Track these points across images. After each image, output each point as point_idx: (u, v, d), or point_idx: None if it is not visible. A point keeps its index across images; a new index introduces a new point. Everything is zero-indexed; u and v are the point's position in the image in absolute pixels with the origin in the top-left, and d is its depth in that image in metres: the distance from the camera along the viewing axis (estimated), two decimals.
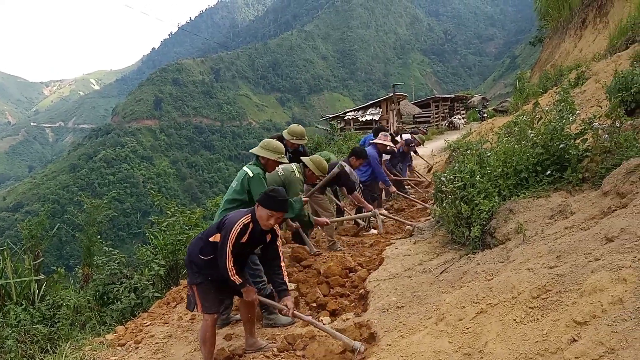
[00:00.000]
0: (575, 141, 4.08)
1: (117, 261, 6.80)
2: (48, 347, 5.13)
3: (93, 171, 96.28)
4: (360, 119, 26.81)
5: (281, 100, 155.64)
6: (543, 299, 2.57)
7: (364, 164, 7.33)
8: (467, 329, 2.80)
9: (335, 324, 4.04)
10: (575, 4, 13.12)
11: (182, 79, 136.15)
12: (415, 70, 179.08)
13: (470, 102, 38.39)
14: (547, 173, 4.13)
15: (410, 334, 3.20)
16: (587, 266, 2.58)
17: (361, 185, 7.73)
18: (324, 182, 5.86)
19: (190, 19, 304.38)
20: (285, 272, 3.73)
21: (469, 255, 4.08)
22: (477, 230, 4.10)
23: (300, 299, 4.76)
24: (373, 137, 8.69)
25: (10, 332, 5.26)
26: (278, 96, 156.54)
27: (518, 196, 4.16)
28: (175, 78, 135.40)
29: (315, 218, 5.47)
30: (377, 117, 26.11)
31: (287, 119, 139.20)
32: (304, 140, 6.36)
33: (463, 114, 35.66)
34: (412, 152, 11.17)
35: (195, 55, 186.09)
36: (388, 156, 9.29)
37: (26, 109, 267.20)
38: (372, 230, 7.48)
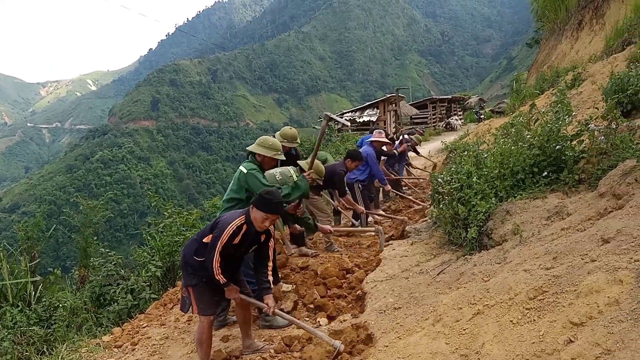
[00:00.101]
0: (572, 142, 4.09)
1: (113, 262, 6.79)
2: (44, 349, 5.13)
3: (90, 172, 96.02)
4: (358, 120, 26.77)
5: (278, 101, 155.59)
6: (539, 300, 2.58)
7: (362, 164, 7.34)
8: (464, 330, 2.80)
9: (333, 325, 4.04)
10: (572, 5, 13.15)
11: (180, 80, 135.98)
12: (412, 71, 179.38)
13: (467, 103, 38.43)
14: (544, 174, 4.13)
15: (408, 335, 3.20)
16: (583, 267, 2.59)
17: (360, 185, 7.74)
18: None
19: (187, 19, 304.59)
20: (270, 272, 3.73)
21: (466, 256, 4.09)
22: (474, 232, 4.11)
23: (298, 301, 4.76)
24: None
25: (7, 333, 5.25)
26: (275, 97, 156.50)
27: (515, 197, 4.17)
28: (172, 79, 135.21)
29: (321, 225, 5.45)
30: (374, 118, 26.07)
31: (284, 120, 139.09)
32: (296, 144, 6.35)
33: (460, 115, 35.68)
34: (410, 152, 11.20)
35: (192, 56, 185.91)
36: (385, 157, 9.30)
37: (23, 110, 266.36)
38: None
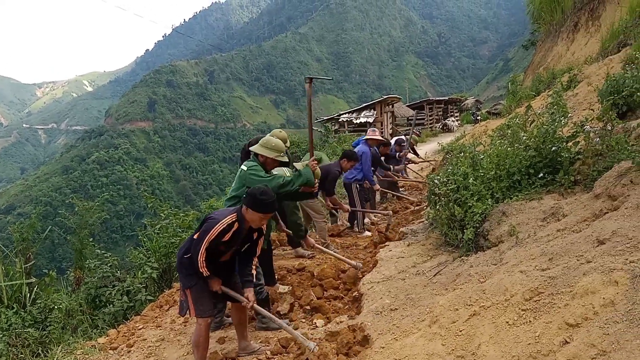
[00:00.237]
0: (568, 144, 4.10)
1: (109, 264, 6.76)
2: (39, 351, 5.09)
3: (86, 173, 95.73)
4: (355, 121, 26.83)
5: (275, 102, 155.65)
6: (535, 301, 2.58)
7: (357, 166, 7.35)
8: (460, 331, 2.80)
9: (329, 326, 4.04)
10: (568, 7, 13.20)
11: (176, 81, 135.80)
12: (409, 72, 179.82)
13: (463, 105, 38.53)
14: (540, 176, 4.14)
15: (404, 336, 3.19)
16: (579, 268, 2.59)
17: (357, 185, 7.75)
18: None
19: (184, 20, 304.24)
20: (254, 267, 3.76)
21: (462, 257, 4.09)
22: (470, 233, 4.11)
23: (295, 302, 4.75)
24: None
25: (1, 335, 5.21)
26: (272, 98, 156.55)
27: (511, 199, 4.18)
28: (169, 80, 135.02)
29: (308, 238, 5.59)
30: (371, 120, 26.10)
31: (281, 121, 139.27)
32: (286, 147, 6.34)
33: (457, 117, 35.77)
34: (409, 154, 11.21)
35: (189, 57, 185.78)
36: (382, 157, 9.31)
37: (18, 111, 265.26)
38: (366, 233, 7.49)
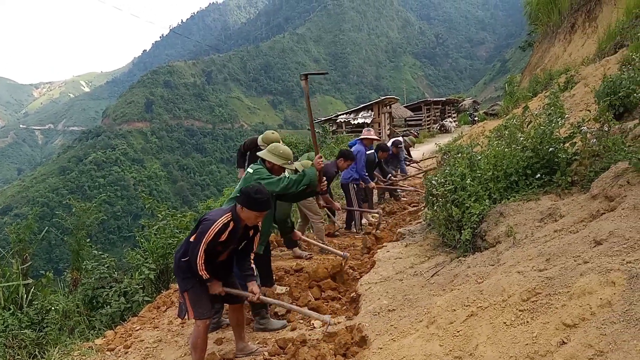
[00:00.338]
0: (565, 145, 4.11)
1: (106, 265, 6.74)
2: (36, 353, 5.07)
3: (83, 174, 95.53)
4: (352, 122, 26.81)
5: (273, 102, 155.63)
6: (533, 302, 2.59)
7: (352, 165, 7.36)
8: (458, 332, 2.81)
9: (327, 327, 4.03)
10: (565, 8, 13.24)
11: (174, 82, 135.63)
12: (407, 73, 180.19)
13: (461, 106, 38.64)
14: (537, 176, 4.15)
15: (402, 337, 3.20)
16: (576, 269, 2.60)
17: (355, 185, 7.75)
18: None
19: (181, 21, 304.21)
20: (252, 261, 3.80)
21: (460, 258, 4.09)
22: (468, 234, 4.12)
23: (292, 303, 4.75)
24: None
25: None
26: (270, 99, 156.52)
27: (508, 199, 4.19)
28: (166, 80, 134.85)
29: (295, 231, 5.66)
30: (369, 120, 26.07)
31: (279, 122, 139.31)
32: None
33: (454, 117, 35.85)
34: (405, 156, 11.21)
35: (186, 57, 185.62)
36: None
37: (15, 111, 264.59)
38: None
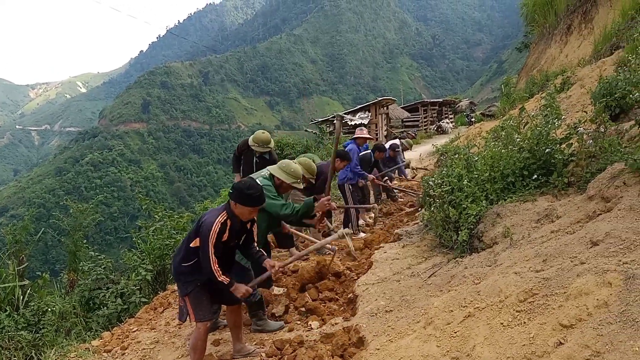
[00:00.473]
0: (561, 146, 4.13)
1: (103, 266, 6.73)
2: (33, 354, 5.06)
3: (80, 175, 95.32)
4: (349, 123, 26.82)
5: (270, 103, 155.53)
6: (530, 303, 2.59)
7: (348, 166, 7.37)
8: (455, 332, 2.81)
9: (324, 328, 4.03)
10: (561, 10, 13.29)
11: (171, 82, 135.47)
12: (403, 74, 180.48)
13: (458, 107, 38.67)
14: (534, 177, 4.17)
15: (399, 338, 3.20)
16: (572, 270, 2.60)
17: (351, 187, 7.75)
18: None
19: (178, 22, 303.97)
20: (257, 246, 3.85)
21: (457, 259, 4.10)
22: (465, 234, 4.12)
23: (290, 304, 4.75)
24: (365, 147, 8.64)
25: None
26: (267, 99, 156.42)
27: (505, 200, 4.20)
28: (163, 81, 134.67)
29: (283, 225, 5.53)
30: (366, 121, 26.08)
31: (276, 123, 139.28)
32: (268, 148, 6.33)
33: (451, 118, 35.90)
34: (402, 155, 11.21)
35: (183, 58, 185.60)
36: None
37: (12, 112, 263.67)
38: (361, 234, 7.49)
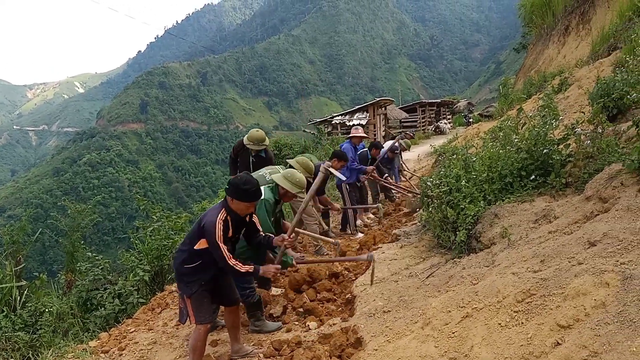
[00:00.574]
0: (559, 146, 4.13)
1: (100, 267, 6.71)
2: (30, 355, 5.04)
3: (77, 175, 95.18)
4: (348, 124, 26.82)
5: (268, 104, 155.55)
6: (527, 303, 2.59)
7: (345, 166, 7.37)
8: (453, 333, 2.81)
9: (322, 329, 4.03)
10: (559, 11, 13.31)
11: (169, 83, 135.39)
12: (402, 75, 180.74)
13: (456, 107, 38.69)
14: (532, 178, 4.17)
15: (397, 338, 3.20)
16: (570, 270, 2.61)
17: (348, 187, 7.75)
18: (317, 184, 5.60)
19: (176, 22, 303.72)
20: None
21: (455, 259, 4.10)
22: (463, 235, 4.12)
23: (288, 305, 4.74)
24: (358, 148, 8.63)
25: None
26: (265, 100, 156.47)
27: (503, 201, 4.20)
28: (161, 81, 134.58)
29: (284, 223, 5.12)
30: (364, 122, 26.10)
31: (274, 123, 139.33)
32: (263, 146, 6.34)
33: (449, 119, 35.91)
34: (400, 157, 11.20)
35: (181, 58, 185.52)
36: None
37: (9, 112, 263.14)
38: (359, 235, 7.49)
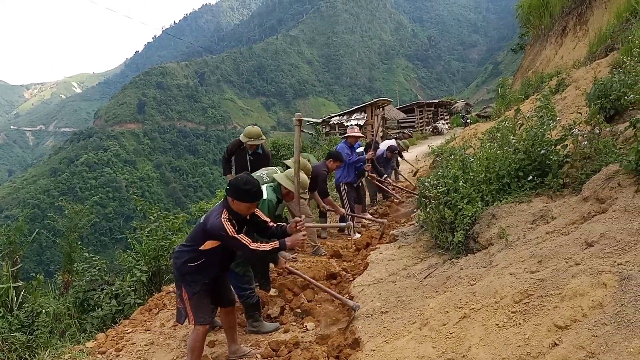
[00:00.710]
0: (556, 147, 4.13)
1: (98, 267, 6.69)
2: (27, 356, 5.03)
3: (74, 175, 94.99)
4: (346, 124, 26.83)
5: (266, 104, 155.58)
6: (525, 304, 2.59)
7: (341, 166, 7.39)
8: (451, 333, 2.81)
9: (320, 329, 4.03)
10: (556, 12, 13.34)
11: (166, 83, 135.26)
12: (399, 75, 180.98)
13: (453, 108, 38.72)
14: (529, 178, 4.17)
15: (395, 339, 3.20)
16: (567, 271, 2.61)
17: (346, 187, 7.76)
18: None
19: (174, 22, 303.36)
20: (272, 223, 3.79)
21: (453, 260, 4.10)
22: (461, 235, 4.13)
23: (285, 305, 4.74)
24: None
25: None
26: (263, 100, 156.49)
27: (500, 201, 4.20)
28: (159, 82, 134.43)
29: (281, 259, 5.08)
30: (362, 122, 26.12)
31: (272, 123, 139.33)
32: (261, 140, 6.37)
33: (447, 120, 35.96)
34: (397, 157, 11.22)
35: (179, 58, 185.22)
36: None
37: (6, 112, 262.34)
38: (357, 235, 7.49)
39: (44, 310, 5.96)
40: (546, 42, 13.85)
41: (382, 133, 26.86)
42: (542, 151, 4.06)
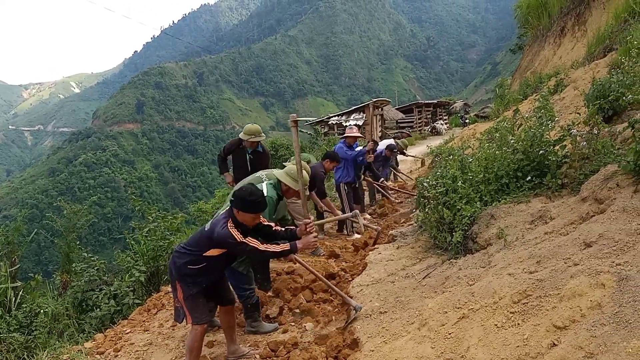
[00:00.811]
0: (555, 147, 4.14)
1: (96, 267, 6.68)
2: (25, 356, 5.02)
3: (73, 175, 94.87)
4: (344, 124, 26.83)
5: (265, 104, 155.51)
6: (524, 304, 2.60)
7: (338, 166, 7.39)
8: (449, 334, 2.81)
9: (319, 329, 4.03)
10: (555, 12, 13.36)
11: (165, 83, 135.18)
12: (398, 75, 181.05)
13: (452, 108, 38.75)
14: (528, 179, 4.17)
15: (393, 339, 3.20)
16: (566, 271, 2.61)
17: (346, 187, 7.76)
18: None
19: (173, 22, 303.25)
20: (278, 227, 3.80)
21: (451, 260, 4.10)
22: (459, 236, 4.13)
23: (284, 306, 4.74)
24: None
25: None
26: (262, 100, 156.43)
27: (499, 201, 4.20)
28: (157, 82, 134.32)
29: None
30: (360, 122, 26.12)
31: (271, 123, 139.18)
32: (262, 137, 6.37)
33: (445, 120, 35.98)
34: (397, 156, 11.23)
35: (178, 58, 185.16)
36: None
37: (4, 112, 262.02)
38: (356, 235, 7.49)
39: (42, 311, 5.95)
40: (545, 42, 13.86)
41: (380, 133, 26.90)
42: (541, 151, 4.06)
